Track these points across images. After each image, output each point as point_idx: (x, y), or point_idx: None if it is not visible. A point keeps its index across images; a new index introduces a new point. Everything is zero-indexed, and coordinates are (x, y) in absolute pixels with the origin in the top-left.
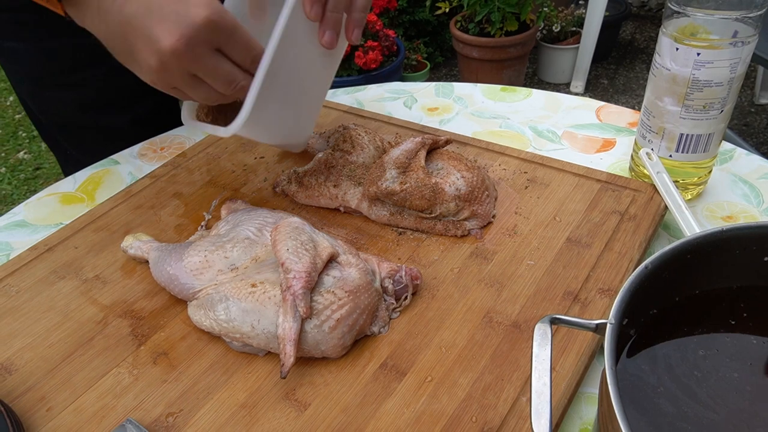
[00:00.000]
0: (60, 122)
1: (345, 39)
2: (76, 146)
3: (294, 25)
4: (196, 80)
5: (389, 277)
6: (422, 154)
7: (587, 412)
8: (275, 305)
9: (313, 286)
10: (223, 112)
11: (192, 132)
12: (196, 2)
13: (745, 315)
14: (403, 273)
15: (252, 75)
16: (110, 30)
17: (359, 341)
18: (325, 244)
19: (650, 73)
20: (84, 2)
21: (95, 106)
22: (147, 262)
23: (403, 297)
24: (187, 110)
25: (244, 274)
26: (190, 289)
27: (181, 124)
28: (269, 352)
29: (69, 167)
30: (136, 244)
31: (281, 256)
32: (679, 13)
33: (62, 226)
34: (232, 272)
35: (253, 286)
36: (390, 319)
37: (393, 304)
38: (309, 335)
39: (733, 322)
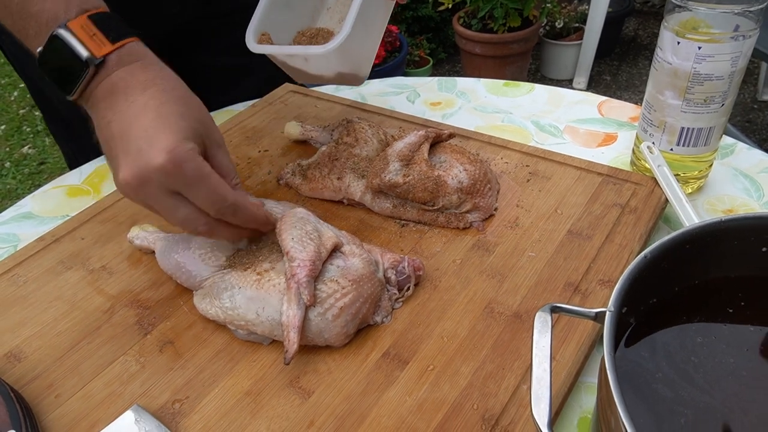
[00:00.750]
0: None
1: None
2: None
3: None
4: (161, 207)
5: (392, 268)
6: (425, 147)
7: (587, 401)
8: (280, 293)
9: (317, 275)
10: None
11: None
12: (160, 146)
13: (742, 304)
14: (406, 264)
15: (216, 220)
16: (100, 136)
17: (362, 330)
18: (330, 234)
19: (652, 66)
20: (91, 107)
21: None
22: (153, 252)
23: (405, 287)
24: (253, 37)
25: (249, 262)
26: (197, 276)
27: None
28: (274, 340)
29: (75, 157)
30: (142, 234)
31: (286, 245)
32: (680, 7)
33: (68, 217)
34: (238, 261)
35: (259, 274)
36: (393, 309)
37: (396, 294)
38: (312, 323)
39: (730, 311)
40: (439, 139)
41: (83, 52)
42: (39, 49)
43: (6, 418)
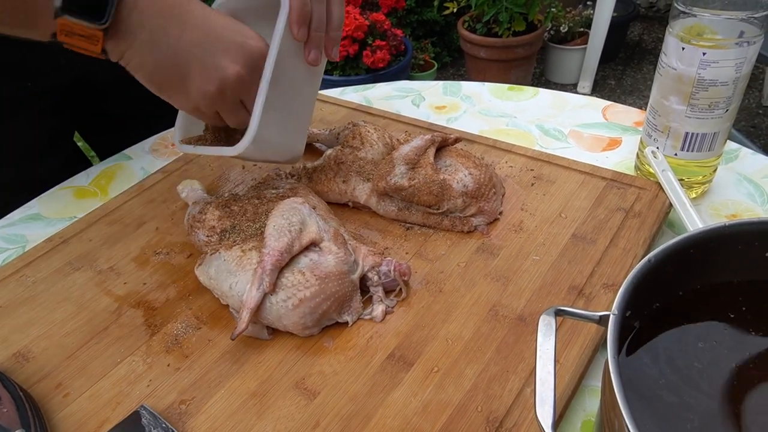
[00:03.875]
0: None
1: (325, 56)
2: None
3: (285, 46)
4: (240, 106)
5: (373, 269)
6: (431, 151)
7: (590, 404)
8: (252, 273)
9: (282, 266)
10: (218, 140)
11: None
12: (250, 35)
13: (743, 309)
14: (392, 268)
15: None
16: (161, 60)
17: (367, 332)
18: (312, 229)
19: (656, 72)
20: (131, 34)
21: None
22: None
23: (395, 291)
24: (179, 136)
25: (240, 240)
26: (203, 243)
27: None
28: (273, 336)
29: None
30: (187, 189)
31: (266, 232)
32: (685, 13)
33: (76, 219)
34: (233, 236)
35: (242, 251)
36: (382, 310)
37: (380, 297)
38: (273, 308)
39: (732, 316)
40: (445, 143)
41: None
42: None
43: (15, 417)
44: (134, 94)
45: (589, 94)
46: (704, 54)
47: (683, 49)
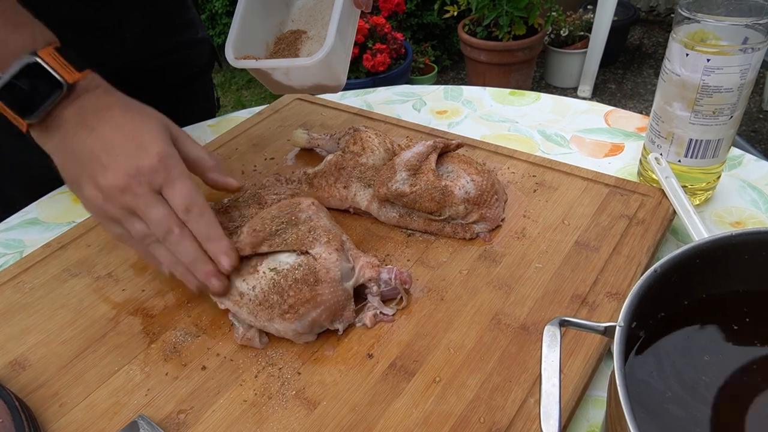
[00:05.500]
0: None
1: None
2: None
3: None
4: (133, 215)
5: (370, 279)
6: (433, 157)
7: (594, 414)
8: None
9: (255, 250)
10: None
11: (201, 132)
12: (151, 150)
13: (747, 320)
14: (393, 276)
15: (183, 226)
16: (67, 157)
17: (368, 341)
18: (303, 228)
19: (660, 78)
20: (52, 129)
21: None
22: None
23: (396, 299)
24: (233, 53)
25: (225, 221)
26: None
27: (191, 123)
28: (274, 344)
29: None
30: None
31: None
32: (689, 19)
33: (74, 224)
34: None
35: (227, 230)
36: (379, 319)
37: (374, 306)
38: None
39: (736, 327)
40: (447, 149)
41: (58, 77)
42: (2, 75)
43: (11, 427)
44: (167, 88)
45: (589, 98)
46: (708, 60)
47: (687, 55)
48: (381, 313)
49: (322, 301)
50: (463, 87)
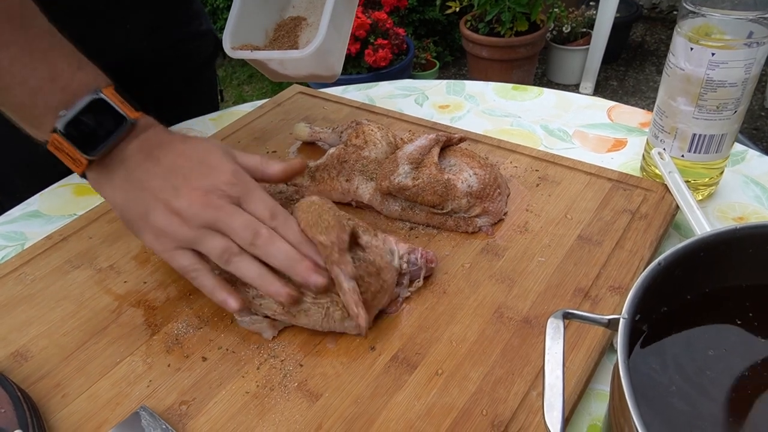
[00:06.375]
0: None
1: None
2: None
3: None
4: (211, 232)
5: (406, 256)
6: (436, 150)
7: (596, 408)
8: None
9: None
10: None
11: (203, 126)
12: (223, 168)
13: (751, 315)
14: (419, 255)
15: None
16: (129, 195)
17: (369, 334)
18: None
19: (664, 72)
20: (114, 165)
21: None
22: None
23: (416, 279)
24: (230, 43)
25: None
26: None
27: (192, 116)
28: (276, 336)
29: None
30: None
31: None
32: (694, 13)
33: (76, 216)
34: None
35: None
36: (401, 301)
37: (405, 285)
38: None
39: (739, 322)
40: (449, 142)
41: (122, 113)
42: (64, 112)
43: (13, 417)
44: (170, 80)
45: (591, 95)
46: (713, 54)
47: (692, 49)
48: (410, 292)
49: (388, 287)
50: (466, 82)
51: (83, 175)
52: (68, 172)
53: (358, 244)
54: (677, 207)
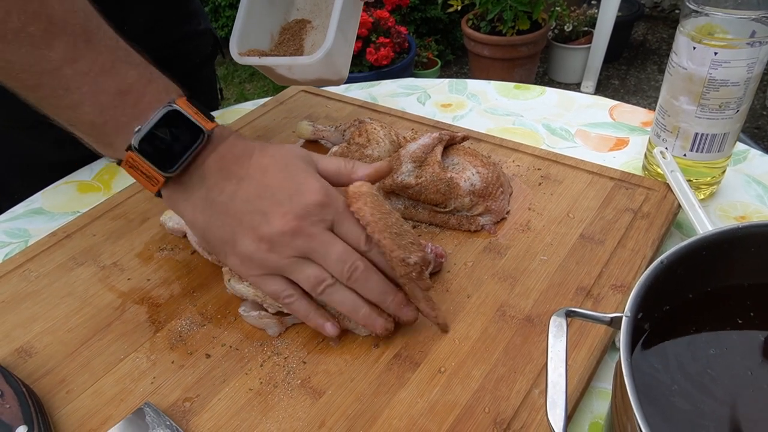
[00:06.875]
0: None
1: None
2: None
3: None
4: (303, 260)
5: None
6: (439, 149)
7: (598, 406)
8: None
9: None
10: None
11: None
12: (311, 188)
13: (752, 313)
14: (429, 249)
15: (365, 259)
16: (212, 218)
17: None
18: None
19: (666, 71)
20: (190, 189)
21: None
22: (184, 236)
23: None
24: (237, 48)
25: None
26: (215, 260)
27: None
28: (281, 333)
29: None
30: (173, 221)
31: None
32: (697, 12)
33: (79, 214)
34: None
35: None
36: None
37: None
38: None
39: (741, 321)
40: (452, 141)
41: (198, 125)
42: (140, 127)
43: (18, 413)
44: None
45: (592, 94)
46: (716, 54)
47: (694, 48)
48: None
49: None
50: (468, 80)
51: (159, 194)
52: (66, 172)
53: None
54: (679, 206)
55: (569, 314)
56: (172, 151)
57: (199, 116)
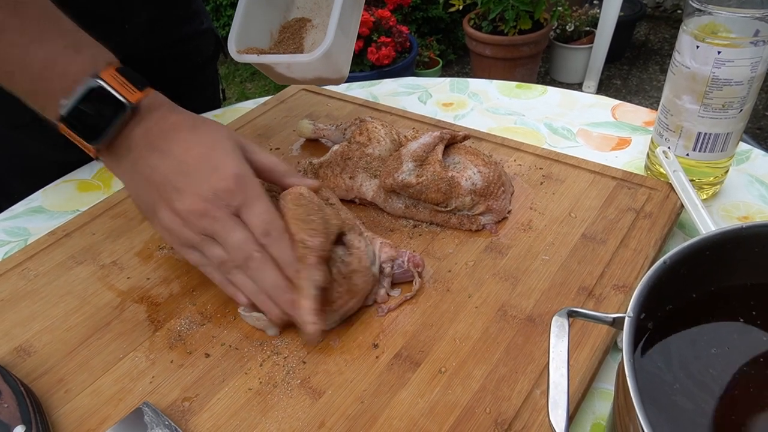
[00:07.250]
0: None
1: None
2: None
3: None
4: (211, 240)
5: (389, 262)
6: (440, 148)
7: (600, 407)
8: None
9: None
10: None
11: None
12: (226, 172)
13: (754, 313)
14: (405, 259)
15: (263, 250)
16: (139, 184)
17: (374, 331)
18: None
19: (669, 70)
20: (119, 158)
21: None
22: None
23: (411, 282)
24: (236, 47)
25: None
26: None
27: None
28: (279, 334)
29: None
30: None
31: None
32: (700, 11)
33: (79, 212)
34: None
35: None
36: (385, 308)
37: (384, 287)
38: None
39: (743, 320)
40: (453, 140)
41: (121, 98)
42: (65, 101)
43: (16, 412)
44: (171, 79)
45: (594, 94)
46: (719, 53)
47: (697, 47)
48: (388, 294)
49: (357, 291)
50: (469, 80)
51: (98, 158)
52: (66, 172)
53: (341, 242)
54: (682, 206)
55: (571, 314)
56: (97, 125)
57: (125, 88)
